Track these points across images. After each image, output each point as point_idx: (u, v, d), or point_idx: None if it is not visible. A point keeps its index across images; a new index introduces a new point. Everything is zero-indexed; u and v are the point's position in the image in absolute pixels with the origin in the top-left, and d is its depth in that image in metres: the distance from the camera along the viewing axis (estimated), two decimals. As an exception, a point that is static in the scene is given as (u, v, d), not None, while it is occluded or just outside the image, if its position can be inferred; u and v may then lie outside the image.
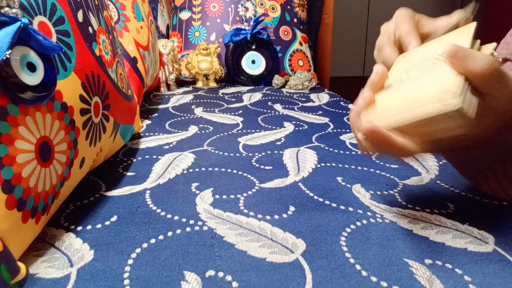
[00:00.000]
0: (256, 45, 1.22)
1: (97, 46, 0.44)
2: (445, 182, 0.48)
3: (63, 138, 0.35)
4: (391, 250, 0.33)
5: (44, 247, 0.34)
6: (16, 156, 0.28)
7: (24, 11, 0.31)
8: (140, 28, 0.87)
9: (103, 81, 0.44)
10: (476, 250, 0.33)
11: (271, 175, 0.50)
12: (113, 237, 0.35)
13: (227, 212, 0.40)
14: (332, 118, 0.80)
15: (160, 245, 0.34)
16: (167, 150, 0.59)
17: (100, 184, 0.47)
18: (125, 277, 0.30)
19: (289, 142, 0.63)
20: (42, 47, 0.30)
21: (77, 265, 0.31)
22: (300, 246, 0.34)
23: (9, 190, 0.28)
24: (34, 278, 0.30)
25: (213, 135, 0.68)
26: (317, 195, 0.44)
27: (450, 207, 0.41)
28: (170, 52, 1.12)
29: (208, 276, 0.30)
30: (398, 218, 0.39)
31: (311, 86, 1.17)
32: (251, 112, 0.86)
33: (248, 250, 0.33)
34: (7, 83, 0.27)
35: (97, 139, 0.43)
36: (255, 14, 1.27)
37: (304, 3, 1.37)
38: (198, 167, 0.52)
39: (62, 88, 0.35)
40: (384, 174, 0.50)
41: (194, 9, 1.28)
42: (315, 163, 0.54)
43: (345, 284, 0.29)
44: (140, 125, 0.67)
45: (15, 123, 0.28)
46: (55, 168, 0.34)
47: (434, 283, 0.29)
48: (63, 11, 0.37)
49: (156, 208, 0.41)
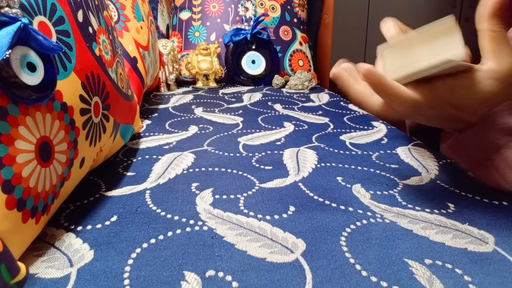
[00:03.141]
0: (256, 45, 1.22)
1: (97, 46, 0.44)
2: (445, 182, 0.48)
3: (63, 138, 0.35)
4: (391, 250, 0.33)
5: (44, 247, 0.34)
6: (16, 156, 0.28)
7: (24, 11, 0.31)
8: (140, 28, 0.87)
9: (103, 81, 0.44)
10: (476, 250, 0.33)
11: (271, 175, 0.50)
12: (113, 237, 0.35)
13: (227, 212, 0.40)
14: (332, 118, 0.80)
15: (160, 245, 0.34)
16: (167, 150, 0.59)
17: (100, 184, 0.47)
18: (125, 277, 0.30)
19: (289, 142, 0.63)
20: (42, 47, 0.30)
21: (77, 265, 0.31)
22: (300, 246, 0.34)
23: (9, 190, 0.28)
24: (34, 278, 0.30)
25: (213, 135, 0.68)
26: (317, 195, 0.44)
27: (450, 207, 0.41)
28: (170, 52, 1.12)
29: (208, 276, 0.30)
30: (398, 218, 0.39)
31: (311, 86, 1.17)
32: (251, 112, 0.86)
33: (248, 250, 0.33)
34: (7, 83, 0.27)
35: (97, 139, 0.43)
36: (255, 14, 1.27)
37: (304, 3, 1.37)
38: (198, 167, 0.52)
39: (62, 88, 0.35)
40: (384, 174, 0.50)
41: (194, 9, 1.28)
42: (315, 163, 0.54)
43: (345, 284, 0.29)
44: (140, 125, 0.67)
45: (15, 123, 0.28)
46: (55, 168, 0.34)
47: (434, 283, 0.29)
48: (63, 11, 0.37)
49: (156, 208, 0.41)
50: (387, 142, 0.64)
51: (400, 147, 0.61)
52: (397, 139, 0.66)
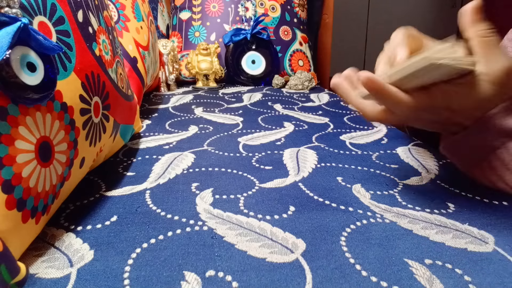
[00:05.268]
0: (256, 45, 1.22)
1: (97, 46, 0.44)
2: (445, 182, 0.48)
3: (63, 138, 0.35)
4: (391, 250, 0.33)
5: (44, 247, 0.34)
6: (16, 156, 0.28)
7: (24, 11, 0.31)
8: (140, 28, 0.87)
9: (103, 81, 0.44)
10: (476, 250, 0.33)
11: (271, 175, 0.50)
12: (113, 237, 0.35)
13: (227, 212, 0.40)
14: (332, 118, 0.80)
15: (160, 245, 0.34)
16: (167, 150, 0.59)
17: (100, 184, 0.47)
18: (125, 277, 0.30)
19: (289, 142, 0.63)
20: (42, 47, 0.30)
21: (77, 265, 0.31)
22: (300, 246, 0.34)
23: (9, 190, 0.28)
24: (34, 278, 0.30)
25: (213, 135, 0.68)
26: (317, 195, 0.44)
27: (450, 207, 0.41)
28: (170, 52, 1.12)
29: (208, 276, 0.30)
30: (398, 218, 0.39)
31: (311, 86, 1.17)
32: (251, 112, 0.86)
33: (248, 250, 0.33)
34: (7, 83, 0.27)
35: (97, 139, 0.43)
36: (255, 14, 1.27)
37: (304, 3, 1.37)
38: (198, 167, 0.52)
39: (62, 88, 0.35)
40: (384, 174, 0.50)
41: (194, 9, 1.28)
42: (315, 163, 0.54)
43: (345, 284, 0.29)
44: (140, 125, 0.67)
45: (15, 123, 0.29)
46: (55, 168, 0.34)
47: (434, 283, 0.29)
48: (63, 11, 0.37)
49: (156, 208, 0.41)
50: (387, 142, 0.64)
51: (400, 147, 0.61)
52: (397, 139, 0.66)
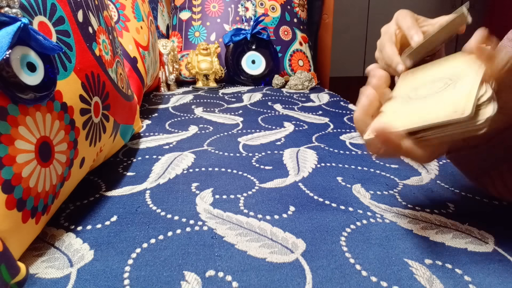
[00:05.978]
0: (256, 45, 1.22)
1: (97, 46, 0.44)
2: (445, 182, 0.48)
3: (63, 138, 0.35)
4: (391, 250, 0.33)
5: (44, 247, 0.34)
6: (16, 156, 0.28)
7: (24, 11, 0.31)
8: (140, 28, 0.87)
9: (103, 81, 0.44)
10: (476, 250, 0.33)
11: (271, 175, 0.50)
12: (113, 237, 0.35)
13: (227, 212, 0.40)
14: (332, 118, 0.80)
15: (160, 245, 0.34)
16: (167, 150, 0.59)
17: (100, 184, 0.47)
18: (125, 277, 0.30)
19: (289, 142, 0.63)
20: (42, 47, 0.30)
21: (77, 265, 0.31)
22: (300, 246, 0.34)
23: (9, 190, 0.28)
24: (34, 278, 0.30)
25: (213, 135, 0.68)
26: (317, 195, 0.44)
27: (450, 207, 0.41)
28: (170, 52, 1.12)
29: (208, 276, 0.30)
30: (398, 218, 0.39)
31: (311, 86, 1.17)
32: (251, 112, 0.86)
33: (248, 250, 0.33)
34: (7, 83, 0.27)
35: (97, 139, 0.43)
36: (255, 14, 1.27)
37: (304, 3, 1.37)
38: (198, 167, 0.52)
39: (62, 88, 0.35)
40: (384, 174, 0.50)
41: (194, 9, 1.28)
42: (315, 163, 0.54)
43: (345, 284, 0.29)
44: (140, 125, 0.67)
45: (15, 123, 0.28)
46: (55, 168, 0.34)
47: (434, 283, 0.29)
48: (63, 11, 0.37)
49: (156, 208, 0.41)
50: (387, 142, 0.64)
51: (400, 147, 0.61)
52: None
